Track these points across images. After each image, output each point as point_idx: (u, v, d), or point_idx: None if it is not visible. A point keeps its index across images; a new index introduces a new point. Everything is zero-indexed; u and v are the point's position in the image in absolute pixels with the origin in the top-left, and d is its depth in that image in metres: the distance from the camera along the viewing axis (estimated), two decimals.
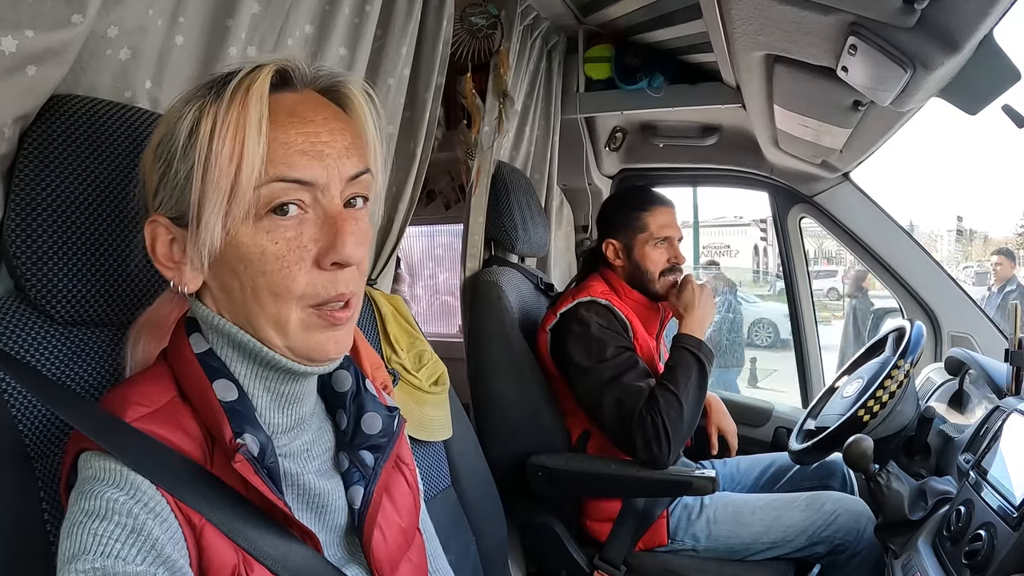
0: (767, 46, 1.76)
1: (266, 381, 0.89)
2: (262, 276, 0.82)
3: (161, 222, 0.85)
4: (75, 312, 1.03)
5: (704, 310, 2.23)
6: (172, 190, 0.84)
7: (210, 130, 0.80)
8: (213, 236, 0.81)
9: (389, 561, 0.99)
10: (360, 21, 1.65)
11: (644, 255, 2.33)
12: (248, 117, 0.79)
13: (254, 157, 0.79)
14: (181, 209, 0.83)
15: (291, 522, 0.85)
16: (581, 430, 2.26)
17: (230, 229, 0.81)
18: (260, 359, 0.87)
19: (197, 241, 0.82)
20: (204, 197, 0.80)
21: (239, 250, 0.82)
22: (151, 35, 1.21)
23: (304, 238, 0.83)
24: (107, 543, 0.72)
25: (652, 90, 2.83)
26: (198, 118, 0.81)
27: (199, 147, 0.80)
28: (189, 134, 0.81)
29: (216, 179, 0.79)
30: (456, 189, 3.71)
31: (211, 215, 0.80)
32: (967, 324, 2.73)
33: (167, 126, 0.84)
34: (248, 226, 0.82)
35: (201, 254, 0.82)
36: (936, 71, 1.37)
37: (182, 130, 0.82)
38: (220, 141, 0.79)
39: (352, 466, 0.99)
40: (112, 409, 0.82)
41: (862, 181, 2.89)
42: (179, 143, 0.82)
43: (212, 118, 0.80)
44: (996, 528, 1.30)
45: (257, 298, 0.84)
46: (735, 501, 2.23)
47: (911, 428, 1.96)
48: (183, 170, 0.82)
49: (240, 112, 0.79)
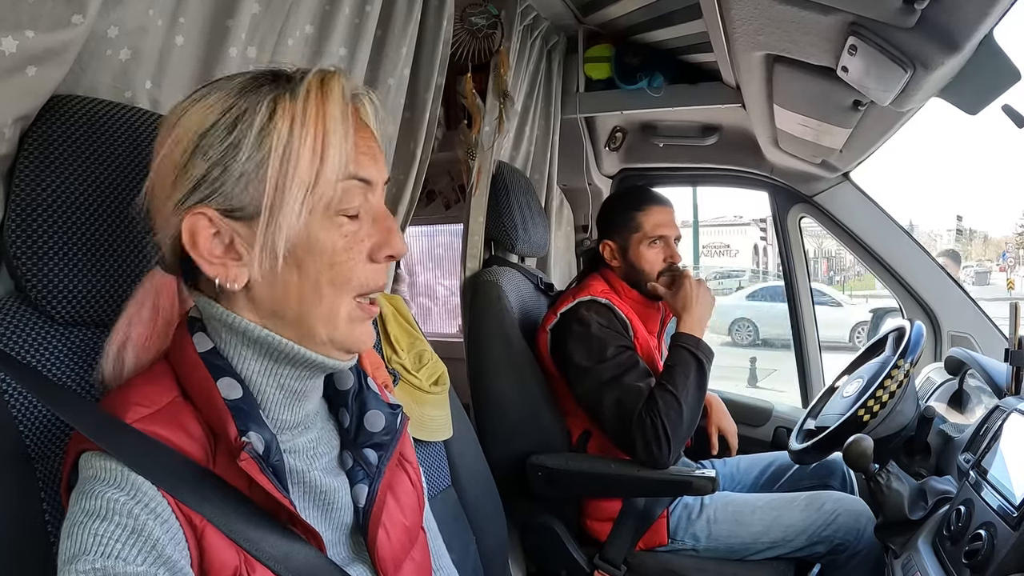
0: (767, 46, 1.76)
1: (279, 378, 0.90)
2: (329, 268, 0.86)
3: (208, 214, 0.84)
4: (75, 313, 1.03)
5: (702, 307, 2.22)
6: (232, 181, 0.84)
7: (290, 123, 0.82)
8: (292, 226, 0.83)
9: (393, 560, 0.99)
10: (360, 21, 1.65)
11: (639, 255, 2.32)
12: (329, 113, 0.84)
13: (339, 153, 0.84)
14: (242, 201, 0.84)
15: (295, 520, 0.86)
16: (581, 430, 2.26)
17: (306, 221, 0.84)
18: (279, 355, 0.89)
19: (271, 232, 0.83)
20: (284, 188, 0.82)
21: (311, 242, 0.85)
22: (151, 35, 1.21)
23: (361, 233, 0.88)
24: (108, 543, 0.72)
25: (652, 90, 2.83)
26: (273, 109, 0.83)
27: (277, 138, 0.82)
28: (263, 126, 0.83)
29: (297, 171, 0.82)
30: (456, 189, 3.71)
31: (293, 205, 0.83)
32: (967, 324, 2.74)
33: (209, 116, 0.84)
34: (321, 220, 0.85)
35: (275, 246, 0.83)
36: (936, 71, 1.37)
37: (253, 120, 0.83)
38: (302, 133, 0.82)
39: (356, 464, 0.99)
40: (113, 410, 0.82)
41: (862, 181, 2.90)
42: (249, 133, 0.83)
43: (290, 112, 0.83)
44: (996, 528, 1.30)
45: (318, 291, 0.86)
46: (735, 501, 2.23)
47: (911, 428, 1.96)
48: (255, 159, 0.83)
49: (320, 108, 0.83)
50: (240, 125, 0.83)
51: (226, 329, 0.88)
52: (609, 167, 3.39)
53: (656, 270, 2.32)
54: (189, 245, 0.84)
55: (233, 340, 0.88)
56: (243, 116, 0.83)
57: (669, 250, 2.34)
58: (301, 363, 0.90)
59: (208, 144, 0.83)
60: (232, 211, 0.84)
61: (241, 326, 0.87)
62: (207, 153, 0.83)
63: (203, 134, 0.84)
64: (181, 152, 0.84)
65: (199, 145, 0.84)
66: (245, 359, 0.89)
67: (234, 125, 0.83)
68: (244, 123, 0.83)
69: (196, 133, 0.84)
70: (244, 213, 0.84)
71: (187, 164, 0.84)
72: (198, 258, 0.85)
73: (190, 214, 0.84)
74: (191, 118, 0.85)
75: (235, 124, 0.83)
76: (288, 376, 0.91)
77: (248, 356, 0.89)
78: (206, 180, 0.84)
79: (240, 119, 0.83)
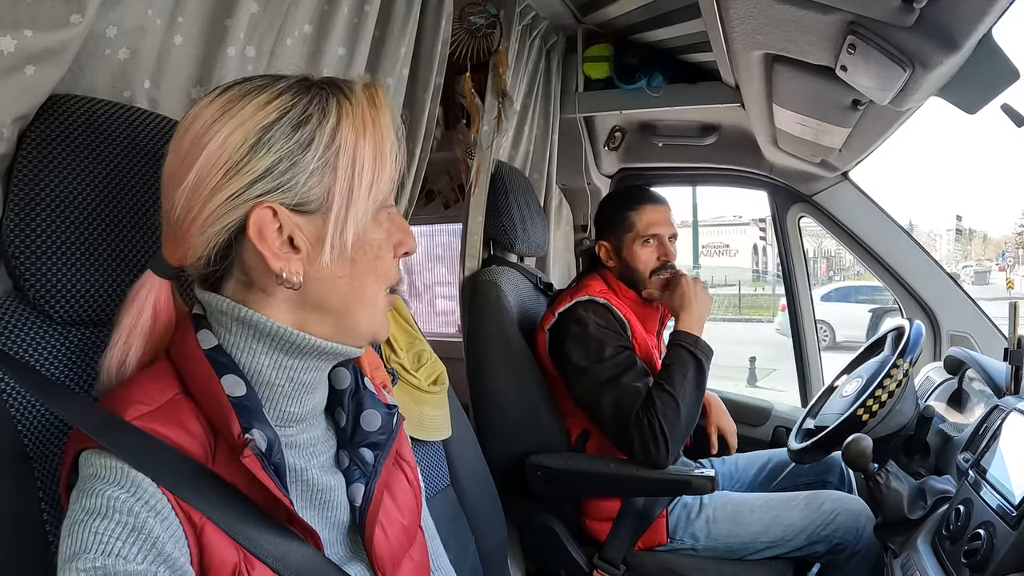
0: (766, 45, 1.76)
1: (290, 371, 0.91)
2: (376, 261, 0.92)
3: (275, 208, 0.85)
4: (74, 312, 1.03)
5: (700, 306, 2.21)
6: (303, 176, 0.86)
7: (353, 124, 0.88)
8: (360, 221, 0.89)
9: (391, 559, 0.99)
10: (359, 21, 1.65)
11: (633, 254, 2.32)
12: (384, 121, 0.90)
13: (394, 157, 0.91)
14: (309, 196, 0.87)
15: (293, 519, 0.86)
16: (580, 429, 2.25)
17: (368, 219, 0.90)
18: (292, 348, 0.90)
19: (341, 226, 0.87)
20: (355, 184, 0.87)
21: (365, 238, 0.90)
22: (150, 35, 1.21)
23: (391, 230, 0.94)
24: (108, 541, 0.72)
25: (651, 89, 2.83)
26: (339, 111, 0.88)
27: (344, 136, 0.87)
28: (334, 127, 0.87)
29: (364, 172, 0.88)
30: (455, 189, 3.71)
31: (362, 200, 0.88)
32: (966, 323, 2.74)
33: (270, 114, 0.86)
34: (371, 218, 0.90)
35: (344, 241, 0.88)
36: (935, 70, 1.37)
37: (325, 120, 0.87)
38: (364, 135, 0.88)
39: (352, 464, 1.00)
40: (112, 408, 0.82)
41: (861, 181, 2.90)
42: (320, 131, 0.86)
43: (354, 116, 0.88)
44: (995, 527, 1.30)
45: (364, 283, 0.92)
46: (734, 500, 2.22)
47: (910, 427, 1.96)
48: (325, 156, 0.86)
49: (375, 115, 0.89)
50: (310, 123, 0.86)
51: (238, 325, 0.89)
52: (608, 167, 3.39)
53: (650, 269, 2.32)
54: (256, 238, 0.85)
55: (244, 335, 0.89)
56: (311, 116, 0.86)
57: (663, 248, 2.34)
58: (315, 354, 0.92)
59: (272, 139, 0.85)
60: (298, 206, 0.87)
61: (258, 322, 0.88)
62: (272, 147, 0.85)
63: (266, 128, 0.85)
64: (237, 146, 0.84)
65: (261, 139, 0.85)
66: (255, 353, 0.89)
67: (302, 123, 0.86)
68: (314, 122, 0.86)
69: (257, 127, 0.85)
70: (308, 208, 0.87)
71: (246, 158, 0.84)
72: (266, 251, 0.85)
73: (259, 207, 0.85)
74: (245, 114, 0.85)
75: (303, 122, 0.86)
76: (299, 368, 0.92)
77: (258, 350, 0.89)
78: (271, 173, 0.85)
79: (309, 118, 0.86)
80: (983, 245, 44.94)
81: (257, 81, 0.89)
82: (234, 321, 0.89)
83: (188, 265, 0.90)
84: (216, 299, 0.89)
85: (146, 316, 0.93)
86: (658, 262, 2.32)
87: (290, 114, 0.86)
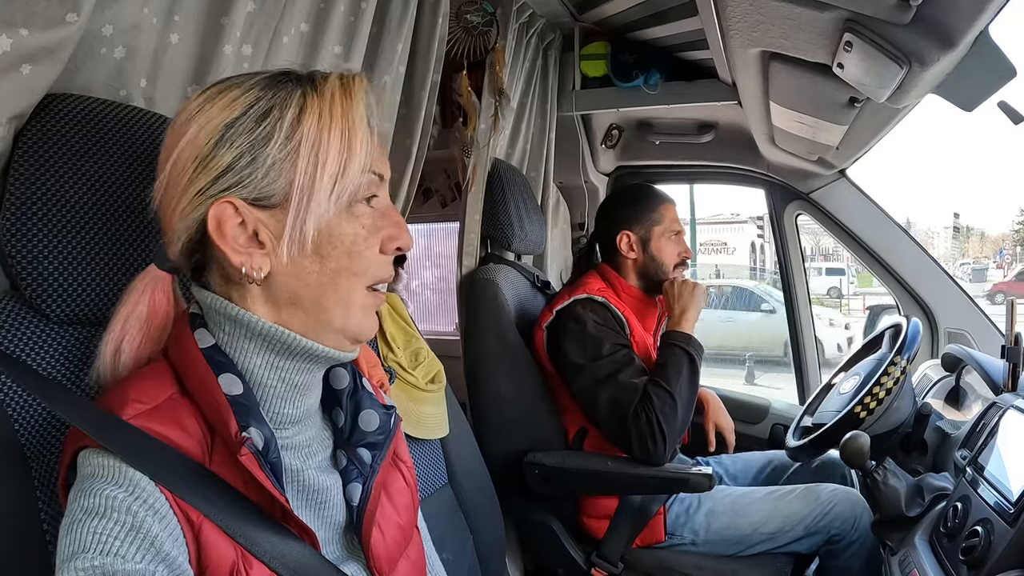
0: (763, 43, 1.76)
1: (282, 372, 0.91)
2: (347, 256, 0.89)
3: (235, 203, 0.86)
4: (71, 311, 1.03)
5: (690, 304, 2.24)
6: (262, 170, 0.86)
7: (318, 117, 0.86)
8: (321, 214, 0.87)
9: (388, 558, 0.99)
10: (355, 19, 1.65)
11: (660, 248, 2.35)
12: (356, 112, 0.88)
13: (365, 146, 0.88)
14: (270, 190, 0.86)
15: (290, 518, 0.86)
16: (577, 427, 2.25)
17: (332, 212, 0.88)
18: (283, 348, 0.90)
19: (300, 220, 0.86)
20: (315, 177, 0.86)
21: (334, 232, 0.88)
22: (146, 33, 1.21)
23: (377, 224, 0.92)
24: (107, 540, 0.72)
25: (648, 87, 2.83)
26: (302, 104, 0.87)
27: (306, 129, 0.86)
28: (293, 119, 0.86)
29: (327, 162, 0.86)
30: (453, 187, 3.71)
31: (323, 194, 0.86)
32: (964, 320, 2.74)
33: (234, 109, 0.86)
34: (344, 210, 0.89)
35: (305, 234, 0.86)
36: (932, 67, 1.37)
37: (284, 114, 0.86)
38: (330, 128, 0.86)
39: (350, 463, 1.00)
40: (110, 407, 0.82)
41: (859, 178, 2.90)
42: (279, 125, 0.86)
43: (318, 107, 0.87)
44: (993, 524, 1.30)
45: (336, 279, 0.89)
46: (733, 493, 2.24)
47: (908, 425, 1.96)
48: (285, 150, 0.86)
49: (346, 106, 0.88)
50: (270, 117, 0.86)
51: (229, 323, 0.89)
52: (605, 164, 3.39)
53: (673, 264, 2.36)
54: (215, 234, 0.86)
55: (236, 334, 0.89)
56: (272, 109, 0.86)
57: (683, 245, 2.40)
58: (306, 356, 0.91)
59: (235, 134, 0.85)
60: (259, 200, 0.86)
61: (246, 320, 0.88)
62: (234, 143, 0.85)
63: (229, 124, 0.85)
64: (204, 142, 0.86)
65: (224, 135, 0.85)
66: (247, 353, 0.89)
67: (263, 117, 0.86)
68: (274, 115, 0.86)
69: (222, 124, 0.86)
70: (270, 202, 0.87)
71: (211, 154, 0.85)
72: (224, 246, 0.86)
73: (217, 203, 0.85)
74: (214, 110, 0.87)
75: (264, 116, 0.86)
76: (291, 370, 0.92)
77: (251, 350, 0.89)
78: (232, 169, 0.85)
79: (270, 112, 0.86)
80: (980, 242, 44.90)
81: (238, 78, 0.90)
82: (227, 320, 0.89)
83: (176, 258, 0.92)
84: (211, 297, 0.90)
85: (142, 308, 0.94)
86: (679, 258, 2.36)
87: (253, 109, 0.86)
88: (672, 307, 2.25)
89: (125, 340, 0.93)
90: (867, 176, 9.59)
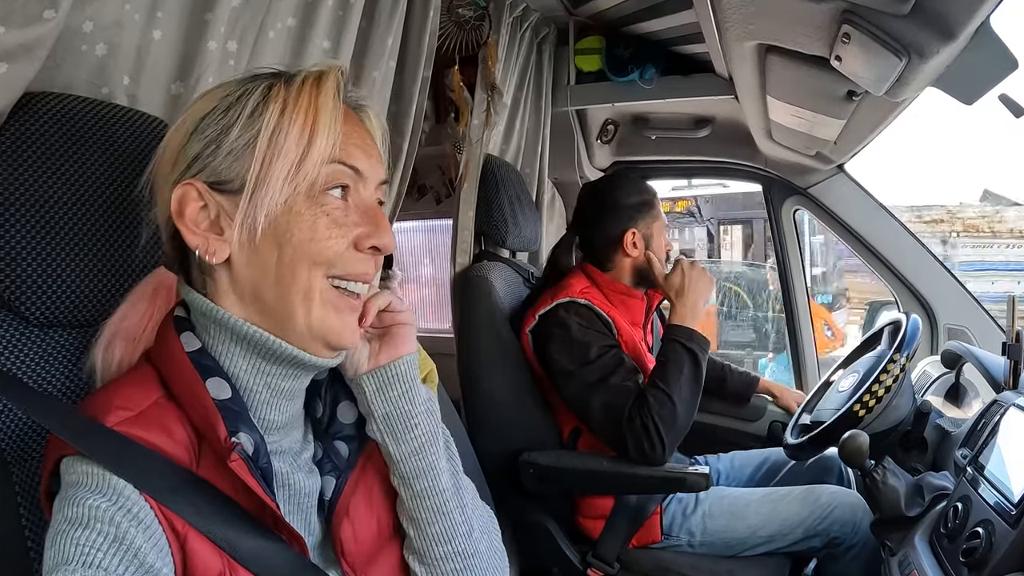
0: (759, 35, 1.75)
1: (267, 377, 0.90)
2: (309, 243, 0.87)
3: (196, 186, 0.87)
4: (52, 314, 1.02)
5: (696, 293, 2.16)
6: (222, 157, 0.87)
7: (281, 106, 0.87)
8: (274, 201, 0.86)
9: (360, 556, 0.97)
10: (344, 13, 1.63)
11: (660, 244, 2.29)
12: (322, 102, 0.88)
13: (327, 136, 0.87)
14: (229, 175, 0.87)
15: (280, 523, 0.85)
16: (571, 426, 2.23)
17: (289, 198, 0.87)
18: (266, 352, 0.89)
19: (252, 205, 0.86)
20: (270, 164, 0.86)
21: (292, 220, 0.87)
22: (127, 30, 1.20)
23: (348, 218, 0.90)
24: (89, 552, 0.72)
25: (644, 82, 2.82)
26: (267, 94, 0.88)
27: (268, 118, 0.86)
28: (255, 107, 0.87)
29: (284, 149, 0.86)
30: (447, 184, 3.69)
31: (277, 181, 0.86)
32: (963, 317, 2.73)
33: (211, 102, 0.89)
34: (304, 199, 0.87)
35: (256, 218, 0.86)
36: (931, 60, 1.35)
37: (246, 103, 0.87)
38: (292, 117, 0.86)
39: (325, 456, 0.99)
40: (93, 414, 0.82)
41: (857, 172, 2.89)
42: (241, 114, 0.87)
43: (283, 97, 0.87)
44: (994, 526, 1.29)
45: (294, 269, 0.87)
46: (731, 495, 2.22)
47: (907, 423, 1.95)
48: (244, 138, 0.86)
49: (313, 96, 0.88)
50: (235, 107, 0.87)
51: (214, 325, 0.88)
52: (601, 160, 3.37)
53: (664, 260, 2.30)
54: (176, 214, 0.86)
55: (221, 336, 0.88)
56: (238, 100, 0.88)
57: (667, 238, 2.34)
58: (288, 361, 0.90)
59: (205, 125, 0.88)
60: (218, 184, 0.87)
61: (226, 320, 0.87)
62: (204, 133, 0.87)
63: (203, 117, 0.88)
64: (183, 135, 0.89)
65: (198, 127, 0.88)
66: (233, 356, 0.89)
67: (229, 107, 0.87)
68: (239, 105, 0.87)
69: (197, 117, 0.88)
70: (230, 187, 0.87)
71: (186, 144, 0.88)
72: (182, 227, 0.87)
73: (180, 185, 0.87)
74: (195, 106, 0.90)
75: (230, 107, 0.87)
76: (276, 375, 0.91)
77: (236, 353, 0.89)
78: (200, 157, 0.87)
79: (236, 103, 0.88)
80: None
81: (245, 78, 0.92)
82: (212, 323, 0.88)
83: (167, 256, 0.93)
84: (199, 300, 0.89)
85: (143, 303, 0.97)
86: (666, 253, 2.32)
87: (223, 100, 0.88)
88: (682, 297, 2.16)
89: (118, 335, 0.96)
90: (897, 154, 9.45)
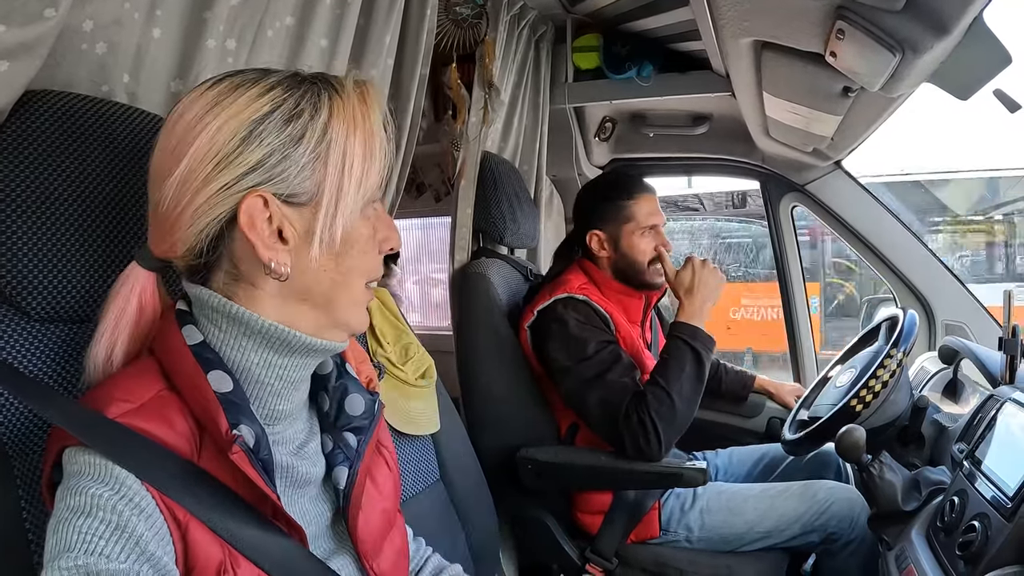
0: (755, 32, 1.75)
1: (279, 369, 0.93)
2: (362, 255, 0.93)
3: (267, 198, 0.87)
4: (52, 309, 1.03)
5: (705, 292, 2.16)
6: (294, 169, 0.87)
7: (346, 124, 0.89)
8: (347, 218, 0.90)
9: (373, 542, 1.02)
10: (342, 11, 1.64)
11: (632, 246, 2.27)
12: (374, 119, 0.91)
13: (383, 154, 0.92)
14: (300, 189, 0.88)
15: (280, 515, 0.87)
16: (569, 422, 2.24)
17: (356, 213, 0.91)
18: (282, 345, 0.91)
19: (329, 220, 0.89)
20: (343, 182, 0.89)
21: (352, 233, 0.91)
22: (127, 29, 1.21)
23: (377, 227, 0.96)
24: (91, 540, 0.73)
25: (641, 79, 2.82)
26: (331, 108, 0.89)
27: (334, 135, 0.88)
28: (326, 123, 0.88)
29: (354, 168, 0.89)
30: (446, 181, 3.69)
31: (351, 198, 0.89)
32: (961, 312, 2.73)
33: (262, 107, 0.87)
34: (359, 214, 0.92)
35: (334, 234, 0.89)
36: (926, 55, 1.36)
37: (315, 116, 0.88)
38: (355, 134, 0.89)
39: (336, 447, 1.02)
40: (95, 406, 0.83)
41: (856, 168, 2.89)
42: (309, 127, 0.88)
43: (345, 113, 0.89)
44: (990, 519, 1.29)
45: (349, 278, 0.93)
46: (728, 490, 2.21)
47: (904, 418, 1.95)
48: (315, 153, 0.88)
49: (366, 113, 0.91)
50: (302, 118, 0.87)
51: (227, 321, 0.89)
52: (599, 157, 3.38)
53: (648, 260, 2.28)
54: (247, 226, 0.86)
55: (233, 331, 0.90)
56: (303, 111, 0.88)
57: (660, 238, 2.30)
58: (304, 351, 0.93)
59: (264, 132, 0.86)
60: (290, 197, 0.88)
61: (246, 318, 0.89)
62: (263, 140, 0.86)
63: (258, 121, 0.86)
64: (227, 139, 0.85)
65: (253, 132, 0.86)
66: (245, 350, 0.90)
67: (294, 117, 0.87)
68: (306, 116, 0.88)
69: (248, 120, 0.86)
70: (299, 200, 0.88)
71: (238, 150, 0.86)
72: (256, 240, 0.86)
73: (250, 196, 0.86)
74: (234, 108, 0.86)
75: (295, 117, 0.87)
76: (288, 366, 0.93)
77: (248, 347, 0.90)
78: (262, 166, 0.86)
79: (301, 113, 0.88)
80: None
81: (249, 75, 0.90)
82: (224, 318, 0.89)
83: (177, 257, 0.91)
84: (207, 294, 0.90)
85: (132, 308, 0.94)
86: (655, 252, 2.28)
87: (282, 108, 0.87)
88: (691, 295, 2.16)
89: (117, 346, 0.94)
90: None
